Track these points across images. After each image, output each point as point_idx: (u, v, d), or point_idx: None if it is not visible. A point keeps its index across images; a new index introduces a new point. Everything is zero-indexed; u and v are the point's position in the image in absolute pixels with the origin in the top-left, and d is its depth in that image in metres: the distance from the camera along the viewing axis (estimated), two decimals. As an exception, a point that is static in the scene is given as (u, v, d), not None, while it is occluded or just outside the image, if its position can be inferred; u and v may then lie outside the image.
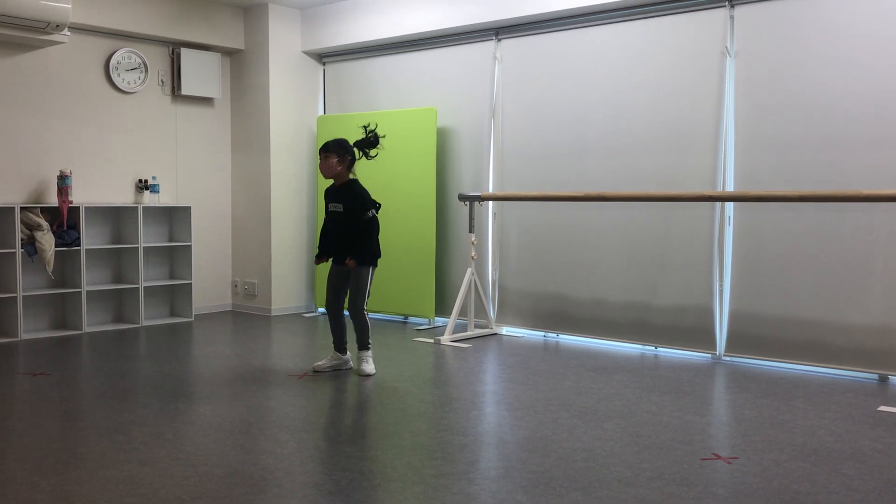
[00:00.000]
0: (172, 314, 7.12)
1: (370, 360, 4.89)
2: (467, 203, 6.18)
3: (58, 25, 5.77)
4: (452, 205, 6.70)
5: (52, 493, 2.90)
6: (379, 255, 4.90)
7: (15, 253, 5.89)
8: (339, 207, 4.82)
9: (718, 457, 3.34)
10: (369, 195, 4.83)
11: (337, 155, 4.78)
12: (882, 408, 4.13)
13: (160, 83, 7.02)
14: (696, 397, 4.36)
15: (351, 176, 4.87)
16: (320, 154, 4.82)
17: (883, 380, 4.77)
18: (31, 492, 2.90)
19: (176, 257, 7.06)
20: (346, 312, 4.95)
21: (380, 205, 4.88)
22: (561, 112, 6.06)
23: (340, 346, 4.98)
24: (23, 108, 6.22)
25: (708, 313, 5.42)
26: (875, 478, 3.09)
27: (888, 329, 4.74)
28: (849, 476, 3.11)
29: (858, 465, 3.23)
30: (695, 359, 5.40)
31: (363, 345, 4.90)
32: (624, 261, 5.78)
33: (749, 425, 3.81)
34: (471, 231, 6.16)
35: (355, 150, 4.87)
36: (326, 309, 4.96)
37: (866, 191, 4.49)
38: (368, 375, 4.81)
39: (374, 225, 4.79)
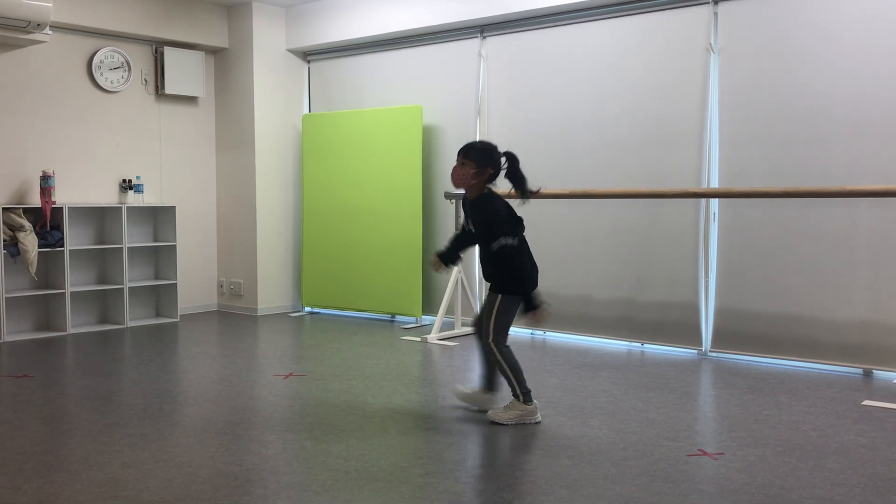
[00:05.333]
0: (158, 315, 7.08)
1: (511, 410, 3.78)
2: (453, 201, 6.18)
3: (39, 24, 5.71)
4: (438, 203, 6.69)
5: (34, 496, 2.87)
6: (525, 287, 3.80)
7: (-3, 254, 5.85)
8: (472, 227, 3.92)
9: (704, 453, 3.35)
10: (503, 216, 3.76)
11: (476, 165, 3.79)
12: (866, 402, 4.16)
13: (144, 82, 6.97)
14: (682, 393, 4.37)
15: (487, 190, 3.87)
16: (458, 156, 3.89)
17: (867, 374, 4.80)
18: (14, 495, 2.88)
19: (161, 257, 7.02)
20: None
21: (522, 226, 3.84)
22: (546, 109, 6.06)
23: (485, 382, 4.02)
24: (4, 107, 6.16)
25: (694, 309, 5.43)
26: (859, 472, 3.11)
27: (872, 324, 4.76)
28: (833, 470, 3.12)
29: (843, 460, 3.25)
30: (681, 355, 5.41)
31: (513, 393, 3.82)
32: (610, 257, 5.79)
33: (734, 421, 3.82)
34: (457, 229, 6.14)
35: (506, 161, 3.82)
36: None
37: (850, 186, 4.51)
38: (497, 424, 3.77)
39: (507, 253, 3.71)
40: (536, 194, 3.84)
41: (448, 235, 6.47)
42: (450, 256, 4.11)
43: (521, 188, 3.80)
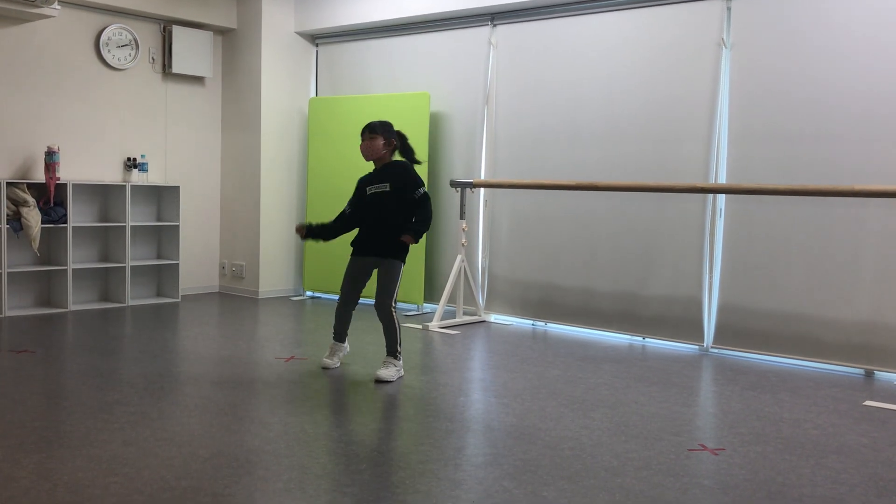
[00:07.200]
0: (159, 294, 7.07)
1: (391, 367, 4.37)
2: (459, 189, 6.16)
3: (48, -1, 5.69)
4: (444, 191, 6.67)
5: (34, 470, 2.87)
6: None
7: (0, 229, 5.82)
8: (385, 187, 4.41)
9: (705, 448, 3.34)
10: (419, 177, 4.50)
11: (384, 137, 4.43)
12: (868, 402, 4.15)
13: (151, 60, 6.94)
14: (684, 388, 4.36)
15: (398, 159, 4.51)
16: (363, 135, 4.44)
17: (869, 375, 4.80)
18: (13, 469, 2.87)
19: (163, 237, 7.01)
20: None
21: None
22: (555, 100, 6.04)
23: (342, 337, 4.66)
24: (11, 81, 6.13)
25: (697, 305, 5.42)
26: (860, 471, 3.10)
27: (876, 324, 4.76)
28: (834, 469, 3.12)
29: (844, 459, 3.24)
30: (683, 350, 5.40)
31: (392, 351, 4.41)
32: (614, 250, 5.78)
33: (736, 417, 3.82)
34: (461, 218, 6.13)
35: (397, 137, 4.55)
36: (343, 302, 4.60)
37: (858, 186, 4.49)
38: (383, 381, 4.29)
39: (430, 202, 4.44)
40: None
41: (452, 223, 6.47)
42: (317, 230, 4.58)
43: (411, 157, 4.53)
